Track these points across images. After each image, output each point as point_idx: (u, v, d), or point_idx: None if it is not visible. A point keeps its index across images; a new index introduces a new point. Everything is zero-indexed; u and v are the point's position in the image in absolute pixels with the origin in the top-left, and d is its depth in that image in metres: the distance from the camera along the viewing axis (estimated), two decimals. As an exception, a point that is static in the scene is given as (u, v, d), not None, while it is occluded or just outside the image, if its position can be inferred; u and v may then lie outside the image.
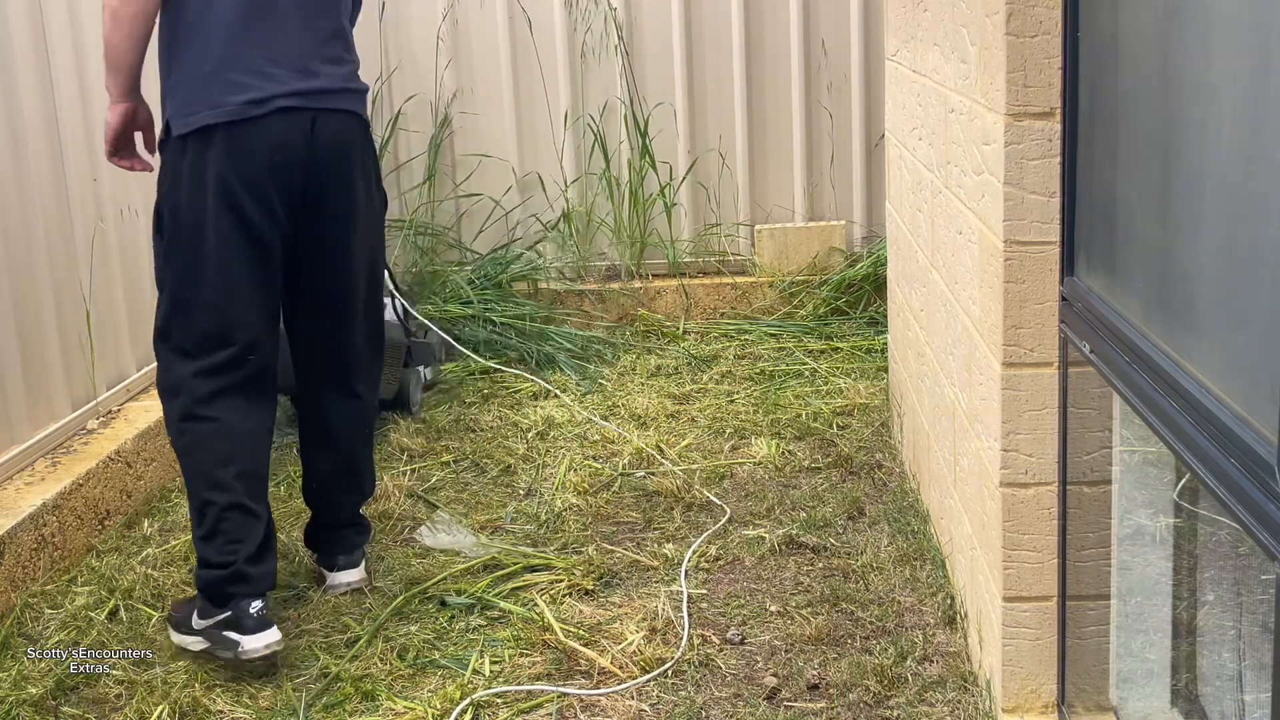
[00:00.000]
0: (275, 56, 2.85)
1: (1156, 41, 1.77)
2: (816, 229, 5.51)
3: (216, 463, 2.85)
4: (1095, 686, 2.34)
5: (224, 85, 2.81)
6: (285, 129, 2.85)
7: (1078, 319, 2.12)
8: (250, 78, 2.82)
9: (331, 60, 2.96)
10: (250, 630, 2.77)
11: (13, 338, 3.45)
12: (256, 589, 2.83)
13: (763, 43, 5.46)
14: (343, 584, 3.20)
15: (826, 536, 3.38)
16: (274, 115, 2.83)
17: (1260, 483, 1.39)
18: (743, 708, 2.63)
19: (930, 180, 3.11)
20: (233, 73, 2.82)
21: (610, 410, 4.46)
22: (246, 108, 2.81)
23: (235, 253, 2.85)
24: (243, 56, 2.83)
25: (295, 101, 2.86)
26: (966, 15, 2.54)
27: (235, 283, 2.86)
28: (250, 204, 2.83)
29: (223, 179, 2.81)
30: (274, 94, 2.83)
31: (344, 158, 2.97)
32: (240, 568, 2.81)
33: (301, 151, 2.87)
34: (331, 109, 2.93)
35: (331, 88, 2.94)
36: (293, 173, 2.87)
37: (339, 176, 2.96)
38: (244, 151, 2.81)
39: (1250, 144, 1.46)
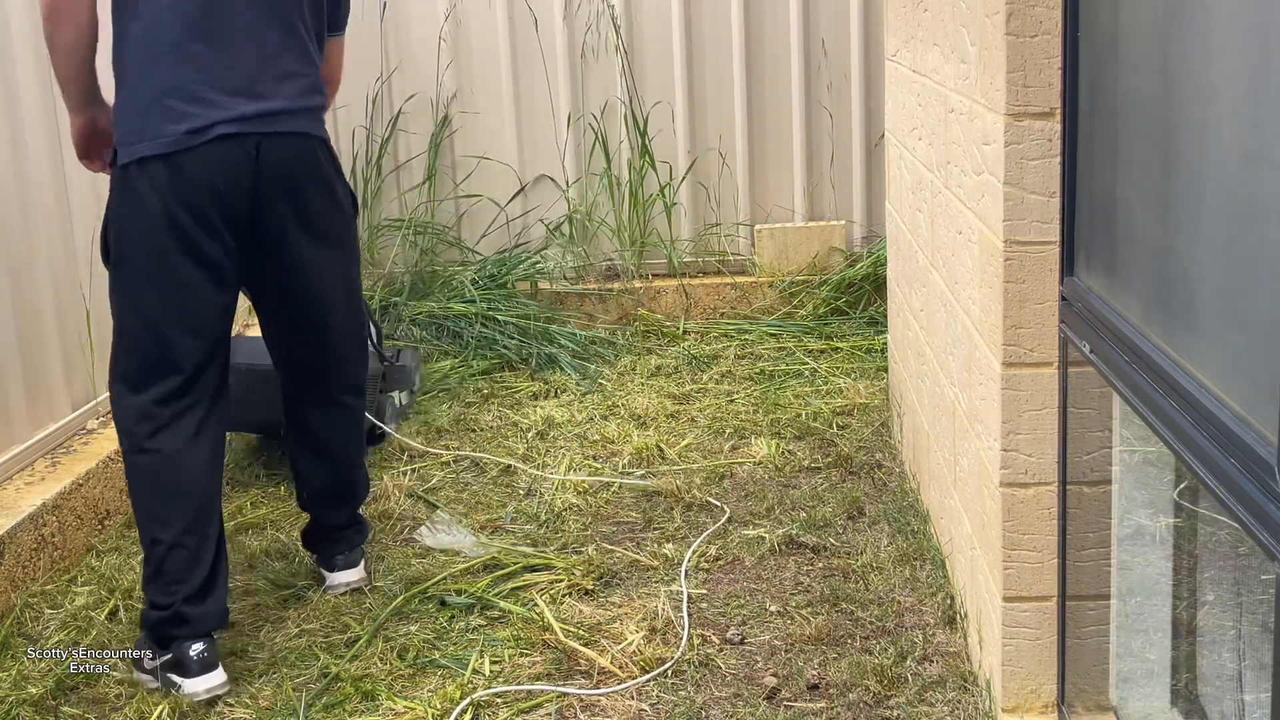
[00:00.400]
0: (217, 80, 2.76)
1: (1156, 41, 1.77)
2: (816, 229, 5.51)
3: (160, 500, 2.79)
4: (1095, 686, 2.34)
5: (164, 113, 2.73)
6: (227, 156, 2.76)
7: (1078, 319, 2.12)
8: (190, 105, 2.74)
9: (282, 77, 2.86)
10: (192, 673, 2.73)
11: (13, 337, 3.45)
12: (198, 630, 2.76)
13: (763, 43, 5.46)
14: (342, 584, 3.20)
15: (826, 536, 3.38)
16: (215, 143, 2.74)
17: (1260, 483, 1.39)
18: (743, 708, 2.63)
19: (930, 180, 3.11)
20: (173, 99, 2.73)
21: (610, 410, 4.46)
22: (186, 137, 2.73)
23: (181, 280, 2.78)
24: (184, 82, 2.74)
25: (237, 127, 2.76)
26: (966, 15, 2.54)
27: (181, 310, 2.79)
28: (195, 231, 2.76)
29: (165, 207, 2.74)
30: (214, 120, 2.75)
31: (294, 180, 2.87)
32: (180, 609, 2.75)
33: (246, 178, 2.79)
34: (278, 132, 2.83)
35: (279, 109, 2.84)
36: (238, 199, 2.79)
37: (291, 199, 2.87)
38: (185, 181, 2.74)
39: (1250, 144, 1.46)
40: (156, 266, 2.77)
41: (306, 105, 2.91)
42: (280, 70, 2.86)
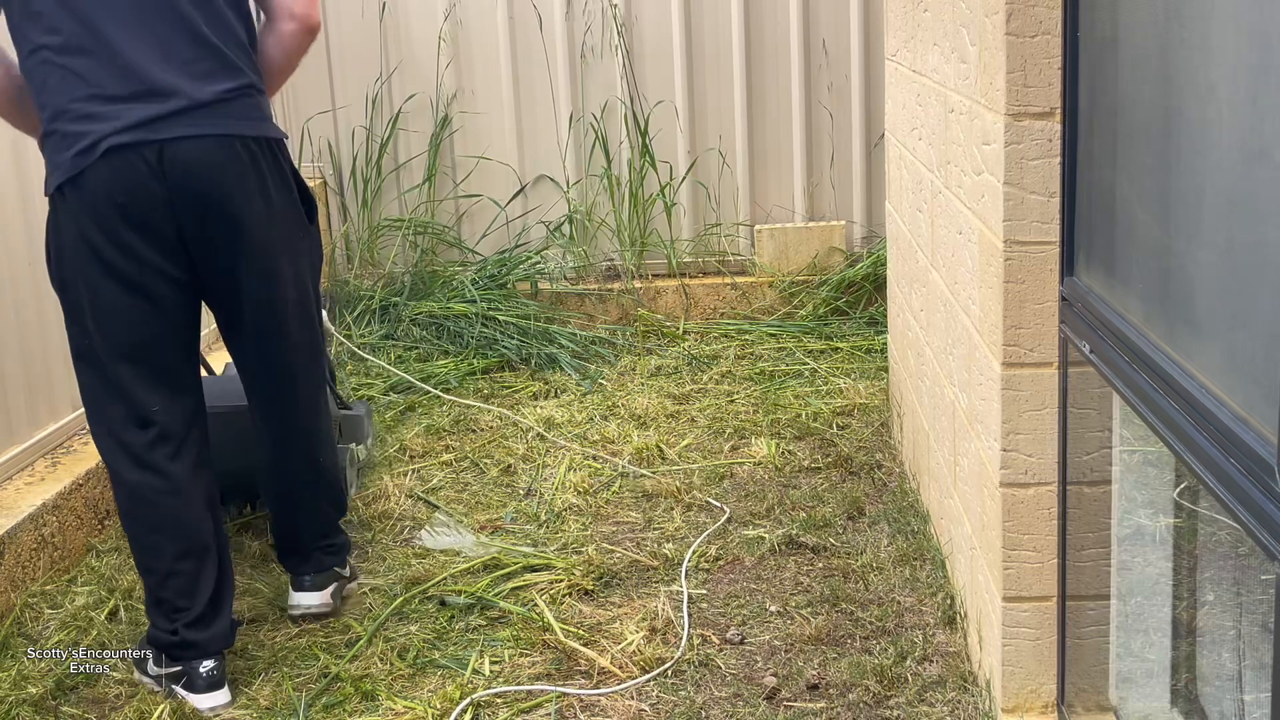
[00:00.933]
0: (106, 91, 2.56)
1: (1156, 41, 1.77)
2: (816, 229, 5.51)
3: (148, 530, 2.73)
4: (1095, 686, 2.34)
5: (58, 141, 2.59)
6: (123, 169, 2.57)
7: (1077, 319, 2.12)
8: (78, 124, 2.57)
9: (194, 74, 2.61)
10: (200, 690, 2.71)
11: (13, 338, 3.45)
12: (205, 653, 2.72)
13: (763, 42, 5.47)
14: (301, 606, 3.03)
15: (826, 536, 3.38)
16: (105, 158, 2.55)
17: (1260, 483, 1.39)
18: (743, 708, 2.63)
19: (930, 180, 3.11)
20: (63, 122, 2.58)
21: (610, 410, 4.46)
22: (77, 159, 2.56)
23: (113, 306, 2.63)
24: (70, 102, 2.57)
25: (129, 137, 2.56)
26: (966, 15, 2.54)
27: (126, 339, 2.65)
28: (113, 254, 2.60)
29: (82, 234, 2.60)
30: (102, 135, 2.56)
31: (210, 186, 2.62)
32: (185, 636, 2.71)
33: (153, 187, 2.58)
34: (187, 136, 2.59)
35: (181, 108, 2.59)
36: (150, 211, 2.60)
37: (212, 204, 2.64)
38: (89, 204, 2.58)
39: (1250, 144, 1.46)
40: (86, 295, 2.64)
41: (221, 98, 2.64)
42: (185, 61, 2.61)
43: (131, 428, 2.70)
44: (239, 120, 2.67)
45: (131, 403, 2.69)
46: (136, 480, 2.71)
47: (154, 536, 2.73)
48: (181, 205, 2.62)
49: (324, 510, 3.08)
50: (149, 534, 2.74)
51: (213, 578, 2.77)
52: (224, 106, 2.65)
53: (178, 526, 2.73)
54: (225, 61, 2.66)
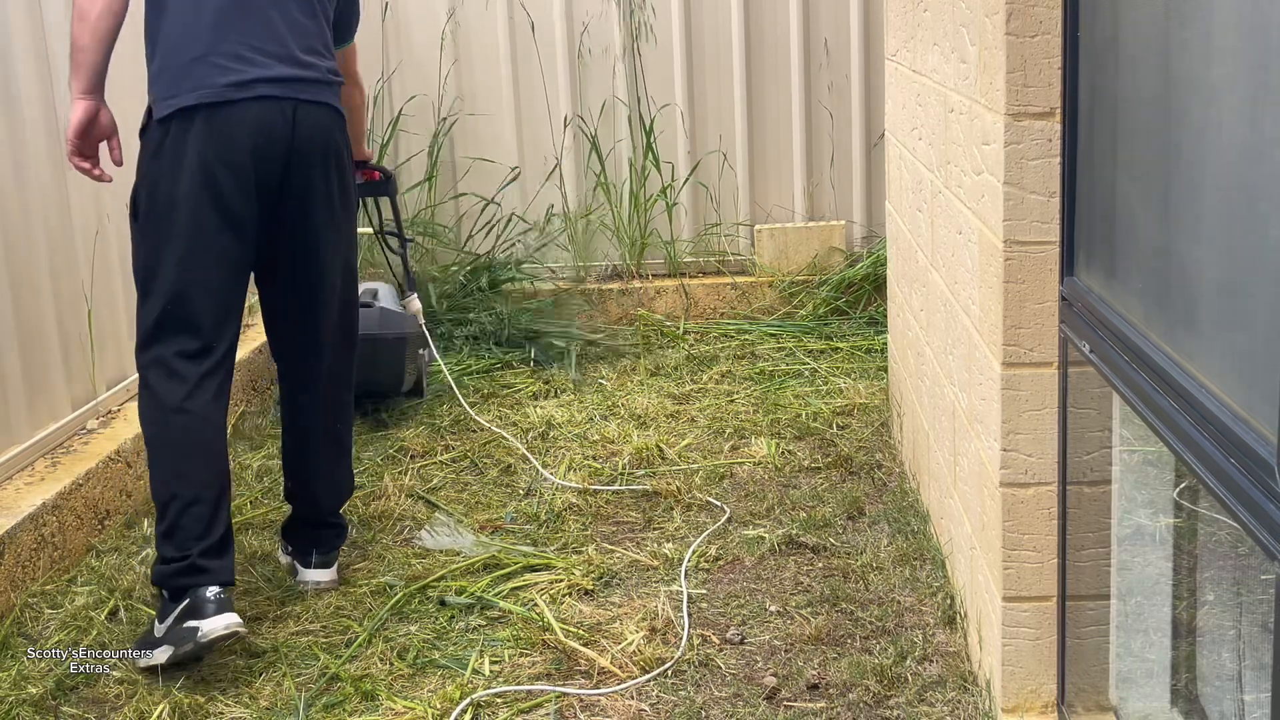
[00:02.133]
0: (258, 44, 2.88)
1: (1156, 41, 1.77)
2: (816, 229, 5.51)
3: (182, 458, 2.85)
4: (1095, 686, 2.34)
5: (206, 68, 2.83)
6: (267, 114, 2.87)
7: (1077, 319, 2.12)
8: (233, 62, 2.85)
9: (313, 53, 2.98)
10: (210, 614, 2.74)
11: (13, 337, 3.45)
12: (215, 579, 2.79)
13: (763, 43, 5.47)
14: (312, 582, 3.19)
15: (826, 536, 3.38)
16: (256, 101, 2.85)
17: (1260, 483, 1.39)
18: (743, 708, 2.63)
19: (930, 180, 3.11)
20: (215, 57, 2.84)
21: (610, 410, 4.46)
22: (229, 90, 2.83)
23: (209, 235, 2.85)
24: (225, 42, 2.85)
25: (278, 90, 2.88)
26: (966, 15, 2.54)
27: (203, 265, 2.86)
28: (229, 186, 2.84)
29: (203, 159, 2.82)
30: (257, 78, 2.86)
31: (324, 149, 2.98)
32: (196, 560, 2.79)
33: (283, 138, 2.89)
34: (313, 101, 2.95)
35: (313, 78, 2.96)
36: (274, 159, 2.89)
37: (318, 167, 2.97)
38: (225, 133, 2.83)
39: (1250, 144, 1.46)
40: (186, 219, 2.83)
41: (334, 82, 3.04)
42: (309, 45, 2.98)
43: (187, 358, 2.86)
44: (338, 99, 3.06)
45: (197, 329, 2.87)
46: (183, 408, 2.84)
47: (187, 463, 2.84)
48: (296, 158, 2.92)
49: (341, 484, 3.26)
50: (182, 460, 2.84)
51: (227, 512, 2.89)
52: (329, 87, 3.02)
53: (210, 455, 2.87)
54: (330, 51, 3.07)
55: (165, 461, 2.86)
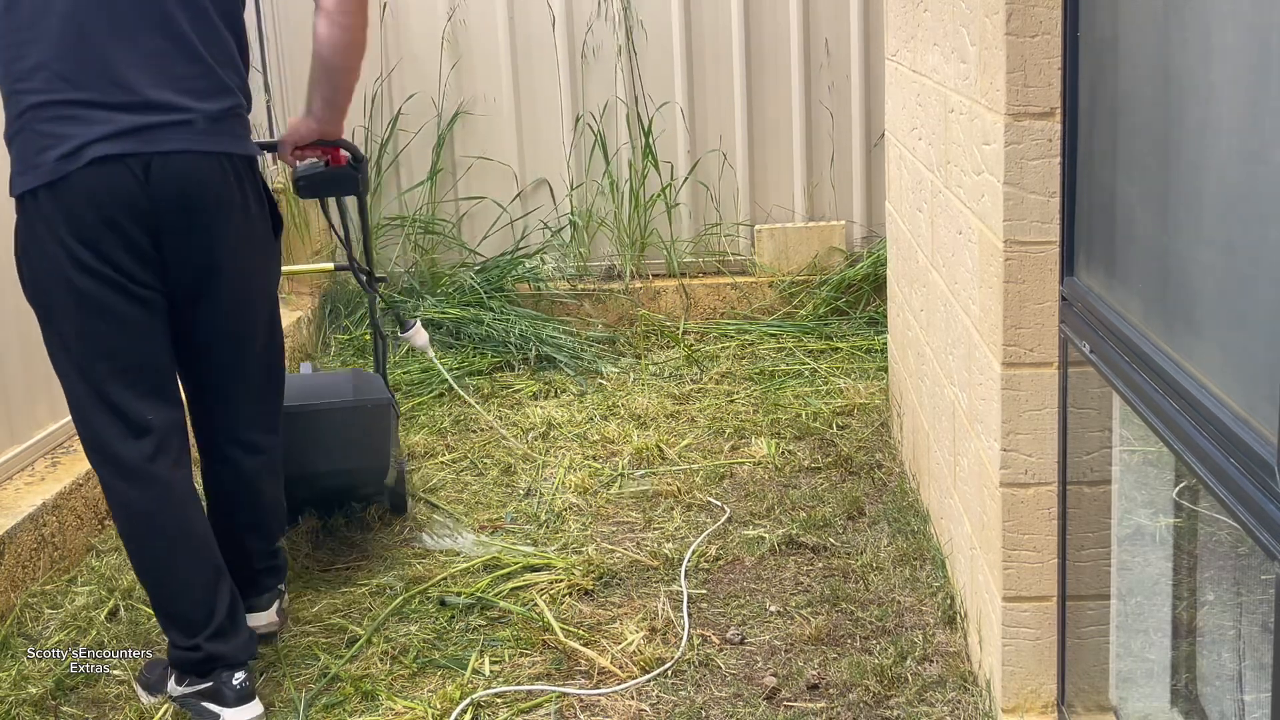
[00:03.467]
0: (93, 96, 2.47)
1: (1156, 41, 1.77)
2: (816, 229, 5.51)
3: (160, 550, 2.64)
4: (1095, 686, 2.34)
5: (33, 140, 2.48)
6: (110, 178, 2.48)
7: (1078, 319, 2.12)
8: (62, 125, 2.46)
9: (187, 90, 2.54)
10: (231, 704, 2.60)
11: (13, 337, 3.45)
12: (235, 661, 2.64)
13: (763, 43, 5.47)
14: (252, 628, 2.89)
15: (826, 536, 3.38)
16: (92, 166, 2.46)
17: (1260, 483, 1.39)
18: (743, 708, 2.63)
19: (930, 180, 3.11)
20: (44, 123, 2.47)
21: (610, 410, 4.46)
22: (59, 165, 2.46)
23: (98, 313, 2.54)
24: (53, 101, 2.46)
25: (118, 146, 2.47)
26: (966, 15, 2.54)
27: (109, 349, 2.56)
28: (95, 262, 2.50)
29: (61, 239, 2.49)
30: (88, 140, 2.46)
31: (194, 201, 2.55)
32: (210, 650, 2.62)
33: (138, 199, 2.50)
34: (172, 150, 2.52)
35: (172, 121, 2.52)
36: (132, 223, 2.51)
37: (193, 223, 2.57)
38: (71, 209, 2.48)
39: (1250, 144, 1.46)
40: (74, 301, 2.53)
41: (210, 113, 2.57)
42: (172, 80, 2.53)
43: (129, 440, 2.59)
44: (226, 138, 2.61)
45: (124, 413, 2.58)
46: (139, 496, 2.60)
47: (164, 552, 2.64)
48: (165, 218, 2.54)
49: (275, 535, 2.99)
50: (160, 551, 2.64)
51: (228, 587, 2.70)
52: (214, 125, 2.58)
53: (189, 538, 2.65)
54: (216, 79, 2.60)
55: (142, 553, 2.65)
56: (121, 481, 2.60)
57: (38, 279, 2.56)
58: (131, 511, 2.62)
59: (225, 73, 2.62)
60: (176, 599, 2.65)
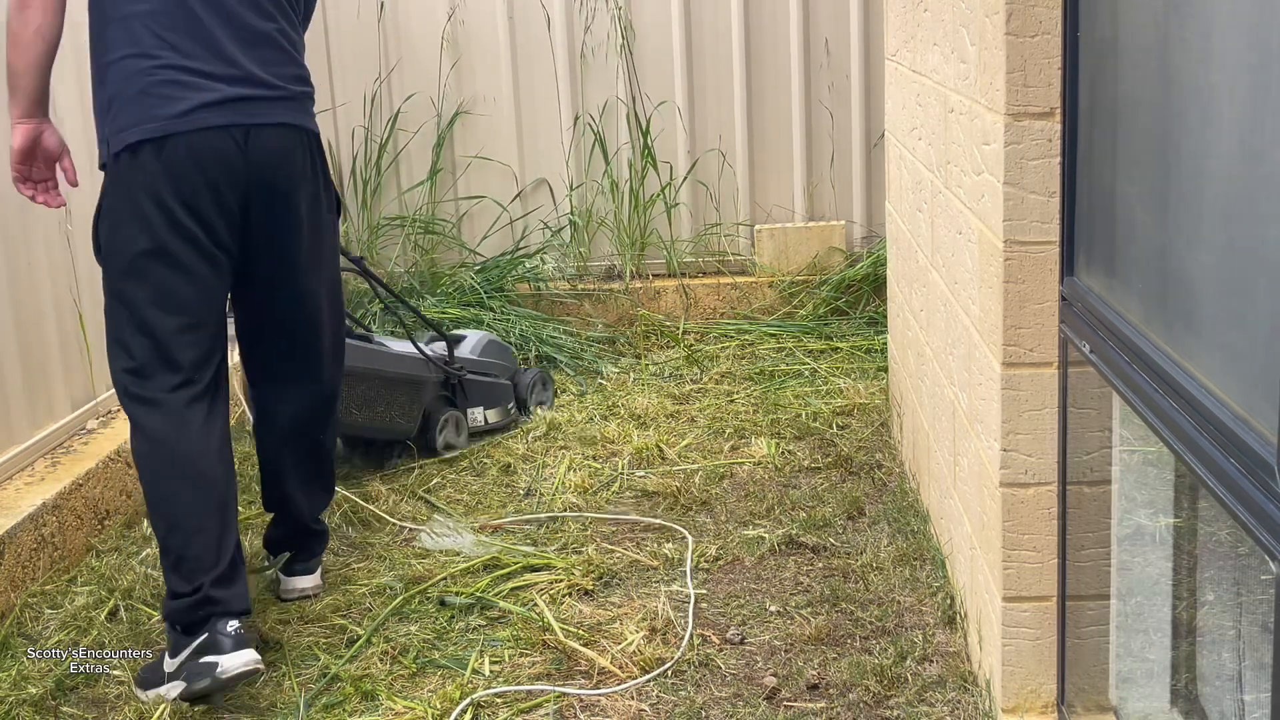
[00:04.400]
0: (202, 66, 2.74)
1: (1156, 41, 1.77)
2: (816, 229, 5.51)
3: (179, 489, 2.75)
4: (1095, 686, 2.34)
5: (151, 99, 2.71)
6: (215, 143, 2.74)
7: (1078, 319, 2.12)
8: (173, 89, 2.72)
9: (267, 66, 2.83)
10: (228, 650, 2.64)
11: (12, 337, 3.45)
12: (230, 609, 2.70)
13: (763, 43, 5.47)
14: (296, 590, 3.17)
15: (826, 536, 3.38)
16: (202, 132, 2.73)
17: (1260, 483, 1.39)
18: (743, 708, 2.63)
19: (930, 180, 3.11)
20: (158, 85, 2.72)
21: (610, 410, 4.45)
22: (173, 122, 2.71)
23: (175, 270, 2.75)
24: (165, 69, 2.72)
25: (224, 116, 2.75)
26: (966, 15, 2.54)
27: (176, 300, 2.76)
28: (188, 219, 2.74)
29: (157, 194, 2.72)
30: (200, 104, 2.73)
31: (282, 171, 2.84)
32: (209, 592, 2.69)
33: (236, 165, 2.77)
34: (266, 123, 2.80)
35: (266, 95, 2.82)
36: (228, 187, 2.77)
37: (278, 191, 2.84)
38: (174, 167, 2.72)
39: (1250, 144, 1.46)
40: (149, 257, 2.74)
41: (294, 94, 2.89)
42: (263, 56, 2.83)
43: (162, 371, 2.76)
44: (307, 116, 2.93)
45: (166, 349, 2.76)
46: (160, 424, 2.75)
47: (186, 493, 2.74)
48: (255, 184, 2.81)
49: (319, 495, 3.22)
50: (180, 491, 2.74)
51: (234, 536, 2.80)
52: (298, 103, 2.90)
53: (208, 481, 2.76)
54: (297, 64, 2.93)
55: (162, 495, 2.76)
56: (144, 407, 2.76)
57: (123, 231, 2.76)
58: (151, 440, 2.76)
59: (301, 60, 2.96)
60: (186, 537, 2.72)
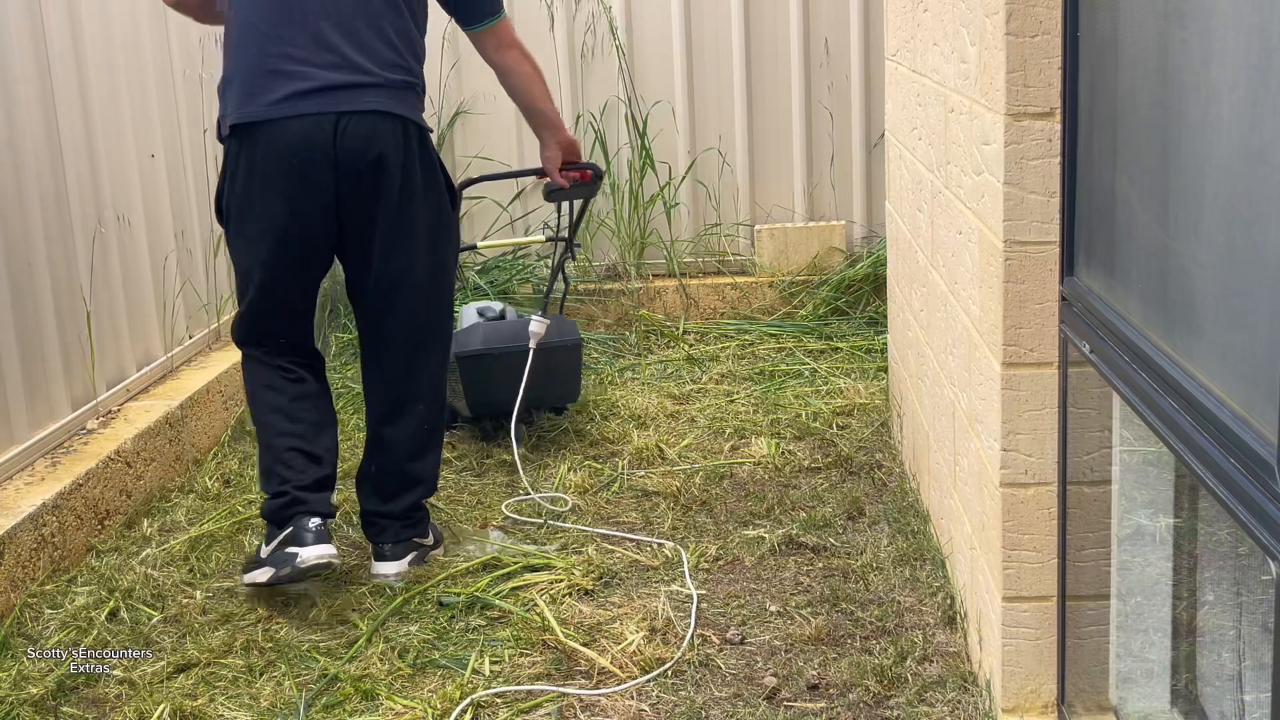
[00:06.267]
0: (304, 54, 2.97)
1: (1156, 41, 1.77)
2: (816, 229, 5.51)
3: (275, 419, 3.13)
4: (1095, 686, 2.34)
5: (254, 86, 2.98)
6: (309, 130, 2.96)
7: (1077, 319, 2.12)
8: (276, 79, 2.97)
9: (369, 54, 3.01)
10: (308, 543, 2.99)
11: (12, 337, 3.44)
12: (314, 509, 3.04)
13: (763, 43, 5.47)
14: (379, 574, 3.24)
15: (826, 536, 3.38)
16: (297, 116, 2.96)
17: (1260, 483, 1.39)
18: (743, 708, 2.63)
19: (930, 180, 3.11)
20: (262, 74, 2.98)
21: (610, 410, 4.45)
22: (273, 108, 2.96)
23: (276, 244, 3.04)
24: (270, 57, 2.98)
25: (317, 103, 2.96)
26: (966, 15, 2.54)
27: (278, 274, 3.08)
28: (287, 199, 3.00)
29: (263, 173, 2.99)
30: (295, 92, 2.96)
31: (374, 158, 3.01)
32: (295, 494, 3.05)
33: (328, 151, 2.97)
34: (360, 110, 2.99)
35: (362, 83, 2.99)
36: (321, 172, 2.98)
37: (365, 176, 3.01)
38: (272, 151, 2.97)
39: (1250, 144, 1.46)
40: (255, 229, 3.04)
41: (391, 80, 3.04)
42: (367, 47, 3.02)
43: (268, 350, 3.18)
44: (405, 105, 3.06)
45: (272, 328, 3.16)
46: (271, 385, 3.15)
47: (280, 422, 3.12)
48: (345, 170, 3.00)
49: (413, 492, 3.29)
50: (275, 419, 3.13)
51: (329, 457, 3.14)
52: (391, 90, 3.04)
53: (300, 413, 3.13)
54: (399, 51, 3.07)
55: (261, 420, 3.16)
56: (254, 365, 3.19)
57: (232, 202, 3.08)
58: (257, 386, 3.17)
59: (407, 53, 3.10)
60: (281, 451, 3.11)
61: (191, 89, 4.60)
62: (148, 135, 4.26)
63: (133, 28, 4.18)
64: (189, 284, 4.49)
